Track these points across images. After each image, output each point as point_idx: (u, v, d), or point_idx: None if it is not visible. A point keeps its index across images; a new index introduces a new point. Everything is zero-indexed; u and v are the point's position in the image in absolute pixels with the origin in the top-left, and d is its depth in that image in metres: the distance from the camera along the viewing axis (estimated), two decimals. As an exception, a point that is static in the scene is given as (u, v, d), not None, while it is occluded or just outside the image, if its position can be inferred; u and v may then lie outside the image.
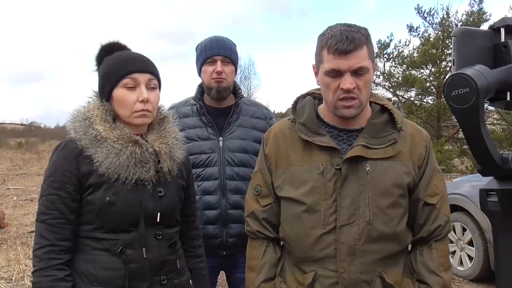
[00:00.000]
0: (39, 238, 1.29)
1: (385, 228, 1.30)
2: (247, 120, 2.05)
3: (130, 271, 1.32)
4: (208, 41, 2.01)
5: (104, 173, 1.31)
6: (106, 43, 1.47)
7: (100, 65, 1.44)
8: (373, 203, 1.30)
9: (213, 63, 1.96)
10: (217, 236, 1.94)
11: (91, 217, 1.32)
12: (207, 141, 1.97)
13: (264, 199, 1.45)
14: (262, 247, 1.46)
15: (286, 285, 1.39)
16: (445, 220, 1.37)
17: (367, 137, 1.33)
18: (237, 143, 1.99)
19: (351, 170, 1.31)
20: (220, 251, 1.97)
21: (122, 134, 1.35)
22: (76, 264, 1.32)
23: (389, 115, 1.38)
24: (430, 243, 1.38)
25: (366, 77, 1.29)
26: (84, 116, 1.37)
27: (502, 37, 1.20)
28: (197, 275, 1.58)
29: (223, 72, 1.95)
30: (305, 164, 1.35)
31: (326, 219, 1.31)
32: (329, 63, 1.28)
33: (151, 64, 1.43)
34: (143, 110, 1.36)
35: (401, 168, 1.34)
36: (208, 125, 2.00)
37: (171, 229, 1.45)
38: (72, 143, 1.34)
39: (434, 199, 1.37)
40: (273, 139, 1.45)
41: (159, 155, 1.39)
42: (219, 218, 1.94)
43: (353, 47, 1.25)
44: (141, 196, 1.35)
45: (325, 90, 1.33)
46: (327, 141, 1.34)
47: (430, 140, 1.44)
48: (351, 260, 1.29)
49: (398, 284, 1.33)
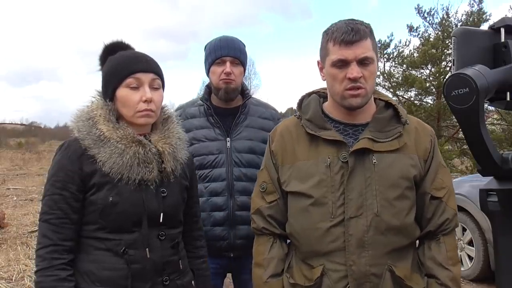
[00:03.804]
0: (42, 237, 1.29)
1: (393, 220, 1.31)
2: (255, 120, 2.03)
3: (133, 272, 1.32)
4: (217, 41, 1.98)
5: (107, 173, 1.31)
6: (109, 43, 1.46)
7: (104, 64, 1.44)
8: (381, 195, 1.31)
9: (222, 64, 1.94)
10: (225, 238, 1.92)
11: (94, 217, 1.32)
12: (215, 142, 1.95)
13: (269, 196, 1.46)
14: (268, 243, 1.46)
15: (294, 280, 1.39)
16: (453, 213, 1.38)
17: (373, 131, 1.35)
18: (245, 143, 1.97)
19: (358, 163, 1.32)
20: (227, 253, 1.95)
21: (125, 134, 1.34)
22: (78, 264, 1.32)
23: (394, 110, 1.40)
24: (438, 237, 1.39)
25: (371, 68, 1.31)
26: (87, 116, 1.37)
27: (502, 37, 1.20)
28: (199, 276, 1.57)
29: (232, 73, 1.94)
30: (311, 158, 1.37)
31: (334, 212, 1.32)
32: (335, 54, 1.31)
33: (154, 63, 1.42)
34: (146, 110, 1.36)
35: (407, 161, 1.35)
36: (215, 126, 1.98)
37: (174, 230, 1.45)
38: (75, 143, 1.34)
39: (441, 192, 1.38)
40: (279, 136, 1.47)
41: (162, 155, 1.39)
42: (226, 219, 1.92)
43: (358, 38, 1.28)
44: (144, 196, 1.35)
45: (332, 81, 1.35)
46: (334, 134, 1.36)
47: (435, 135, 1.46)
48: (360, 253, 1.30)
49: (408, 278, 1.33)
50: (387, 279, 1.31)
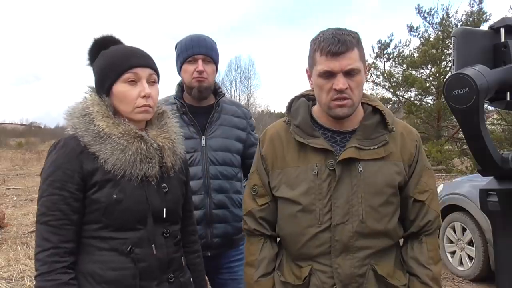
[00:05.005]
0: (41, 240, 1.24)
1: (377, 225, 1.35)
2: (228, 119, 2.03)
3: (140, 270, 1.30)
4: (188, 40, 1.97)
5: (110, 170, 1.28)
6: (100, 37, 1.42)
7: (95, 59, 1.40)
8: (366, 202, 1.34)
9: (194, 62, 1.93)
10: (202, 237, 1.89)
11: (97, 216, 1.29)
12: (190, 140, 1.91)
13: (261, 199, 1.49)
14: (259, 243, 1.50)
15: (285, 278, 1.43)
16: (435, 215, 1.42)
17: (359, 139, 1.37)
18: (219, 141, 1.97)
19: (345, 171, 1.35)
20: (205, 252, 1.90)
21: (127, 129, 1.32)
22: (81, 265, 1.28)
23: (381, 116, 1.41)
24: (420, 237, 1.42)
25: (358, 78, 1.32)
26: (83, 112, 1.33)
27: (502, 37, 1.20)
28: (194, 271, 1.56)
29: (205, 71, 1.93)
30: (300, 165, 1.40)
31: (321, 218, 1.35)
32: (322, 65, 1.32)
33: (150, 58, 1.40)
34: (145, 105, 1.34)
35: (393, 168, 1.38)
36: (190, 124, 1.96)
37: (176, 226, 1.45)
38: (73, 140, 1.30)
39: (424, 196, 1.41)
40: (269, 141, 1.49)
41: (162, 150, 1.38)
42: (203, 218, 1.91)
43: (344, 49, 1.29)
44: (147, 192, 1.33)
45: (319, 91, 1.36)
46: (322, 143, 1.38)
47: (420, 138, 1.49)
48: (345, 256, 1.34)
49: (390, 276, 1.37)
50: (370, 278, 1.35)
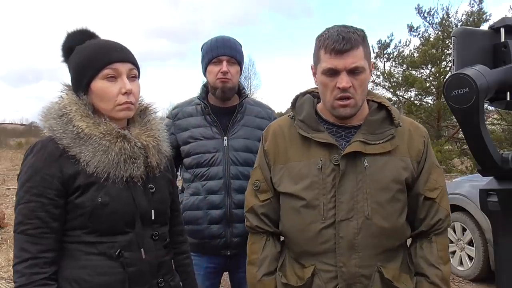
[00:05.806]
0: (19, 251, 1.18)
1: (384, 223, 1.32)
2: (251, 120, 2.06)
3: (129, 275, 1.24)
4: (214, 41, 2.01)
5: (92, 172, 1.21)
6: (74, 31, 1.33)
7: (69, 55, 1.32)
8: (372, 198, 1.32)
9: (218, 63, 1.97)
10: (222, 236, 1.94)
11: (82, 221, 1.21)
12: (212, 140, 1.97)
13: (263, 194, 1.47)
14: (262, 242, 1.48)
15: (287, 279, 1.41)
16: (445, 214, 1.39)
17: (365, 133, 1.35)
18: (241, 142, 1.99)
19: (350, 166, 1.33)
20: (224, 251, 1.97)
21: (108, 129, 1.25)
22: (65, 271, 1.21)
23: (387, 112, 1.40)
24: (430, 236, 1.39)
25: (362, 77, 1.31)
26: (59, 113, 1.25)
27: (502, 37, 1.21)
28: (182, 272, 1.51)
29: (229, 72, 1.96)
30: (303, 160, 1.38)
31: (325, 214, 1.33)
32: (326, 63, 1.31)
33: (129, 52, 1.32)
34: (126, 102, 1.26)
35: (399, 163, 1.35)
36: (212, 125, 2.00)
37: (165, 228, 1.40)
38: (52, 143, 1.22)
39: (434, 193, 1.38)
40: (272, 136, 1.48)
41: (146, 149, 1.31)
42: (223, 217, 1.94)
43: (349, 47, 1.28)
44: (134, 194, 1.27)
45: (323, 89, 1.36)
46: (326, 137, 1.36)
47: (428, 135, 1.46)
48: (350, 255, 1.31)
49: (396, 279, 1.34)
50: (376, 280, 1.32)
